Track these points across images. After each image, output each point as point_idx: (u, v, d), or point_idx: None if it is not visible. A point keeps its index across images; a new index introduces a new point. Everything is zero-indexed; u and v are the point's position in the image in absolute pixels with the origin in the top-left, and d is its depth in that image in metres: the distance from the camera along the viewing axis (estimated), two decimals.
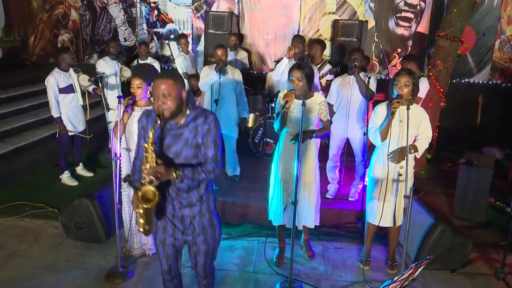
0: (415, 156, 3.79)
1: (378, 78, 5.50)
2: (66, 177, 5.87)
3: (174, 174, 2.42)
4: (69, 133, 5.70)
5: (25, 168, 6.17)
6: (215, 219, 2.78)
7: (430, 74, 6.23)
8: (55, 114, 5.52)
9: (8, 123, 6.86)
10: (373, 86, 4.91)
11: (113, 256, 4.03)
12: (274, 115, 3.85)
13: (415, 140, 3.77)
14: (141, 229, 2.55)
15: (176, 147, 2.54)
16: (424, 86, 4.96)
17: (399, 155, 3.70)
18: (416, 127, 3.71)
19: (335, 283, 3.86)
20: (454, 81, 7.99)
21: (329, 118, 3.96)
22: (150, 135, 2.38)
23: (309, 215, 4.02)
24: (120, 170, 3.89)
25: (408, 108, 3.40)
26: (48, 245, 4.34)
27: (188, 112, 2.55)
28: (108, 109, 5.87)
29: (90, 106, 5.97)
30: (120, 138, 3.84)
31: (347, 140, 5.21)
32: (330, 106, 5.18)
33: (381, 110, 3.79)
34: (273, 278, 3.89)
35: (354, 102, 4.96)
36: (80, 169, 6.17)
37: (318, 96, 3.87)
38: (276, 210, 4.04)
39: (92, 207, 4.23)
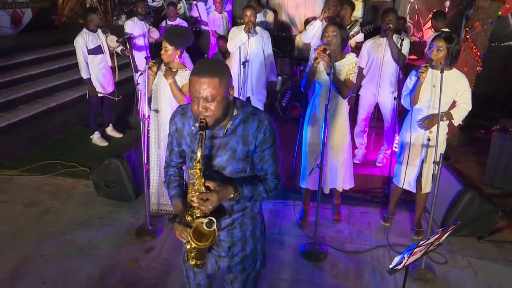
0: (452, 123, 3.68)
1: (412, 41, 5.31)
2: (96, 138, 6.00)
3: (232, 194, 1.91)
4: (99, 95, 5.78)
5: (57, 128, 6.33)
6: (259, 247, 2.25)
7: (467, 36, 5.97)
8: (84, 75, 5.59)
9: (39, 83, 7.01)
10: (405, 50, 4.75)
11: (142, 214, 4.15)
12: (305, 74, 3.76)
13: (452, 106, 3.65)
14: (192, 263, 2.01)
15: (220, 159, 1.98)
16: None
17: (428, 122, 3.62)
18: (451, 93, 3.56)
19: (359, 246, 3.88)
20: (493, 44, 7.63)
21: (354, 81, 3.76)
22: (198, 155, 1.82)
23: (338, 179, 4.01)
24: (148, 131, 3.95)
25: (441, 72, 3.28)
26: (80, 203, 4.49)
27: (235, 112, 1.96)
28: (137, 71, 5.91)
29: (118, 67, 6.02)
30: (149, 100, 3.87)
31: (377, 104, 5.11)
32: (359, 69, 5.07)
33: (415, 74, 3.69)
34: (298, 240, 3.93)
35: (386, 66, 4.83)
36: (109, 130, 6.29)
37: (350, 57, 3.73)
38: (303, 172, 4.06)
39: (121, 167, 4.33)
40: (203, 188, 1.87)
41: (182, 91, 3.84)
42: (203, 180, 1.86)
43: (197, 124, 1.88)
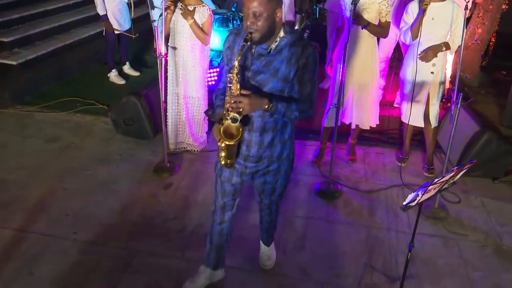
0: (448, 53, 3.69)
1: None
2: (114, 76, 6.01)
3: (266, 105, 2.10)
4: (115, 31, 5.72)
5: (74, 65, 6.35)
6: (287, 152, 2.45)
7: None
8: (100, 11, 5.50)
9: (56, 19, 6.93)
10: None
11: (160, 152, 4.23)
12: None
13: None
14: (222, 162, 2.29)
15: (262, 76, 2.17)
16: None
17: (430, 53, 3.62)
18: (448, 23, 3.57)
19: (373, 185, 3.93)
20: None
21: (389, 20, 3.69)
22: (236, 63, 2.03)
23: (364, 116, 3.98)
24: (166, 69, 3.93)
25: (466, 9, 3.16)
26: (99, 139, 4.59)
27: (283, 35, 2.16)
28: (153, 7, 5.77)
29: (134, 4, 5.90)
30: (166, 38, 3.82)
31: (397, 44, 4.98)
32: None
33: (413, 7, 3.66)
34: (313, 178, 3.99)
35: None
36: (127, 68, 6.28)
37: None
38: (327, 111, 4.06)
39: (139, 105, 4.35)
40: (239, 93, 2.07)
41: (203, 29, 3.80)
42: (238, 86, 2.06)
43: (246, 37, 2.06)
